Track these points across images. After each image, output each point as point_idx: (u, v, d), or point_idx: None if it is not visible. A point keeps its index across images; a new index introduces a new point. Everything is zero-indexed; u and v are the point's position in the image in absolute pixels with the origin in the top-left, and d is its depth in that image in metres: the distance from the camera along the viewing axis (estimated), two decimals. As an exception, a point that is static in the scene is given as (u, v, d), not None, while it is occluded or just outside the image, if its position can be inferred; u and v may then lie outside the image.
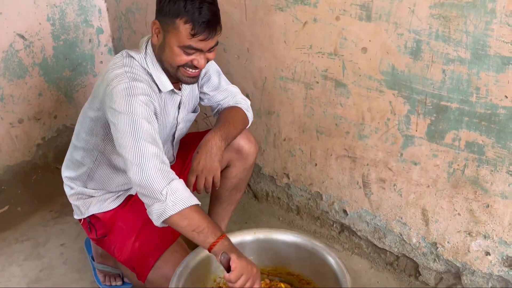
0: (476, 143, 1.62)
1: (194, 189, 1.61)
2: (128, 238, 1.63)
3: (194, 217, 1.33)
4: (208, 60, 1.50)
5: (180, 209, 1.32)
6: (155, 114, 1.45)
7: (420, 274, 1.93)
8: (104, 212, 1.69)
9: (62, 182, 1.78)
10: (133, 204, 1.69)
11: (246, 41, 2.13)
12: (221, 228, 1.37)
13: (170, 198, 1.32)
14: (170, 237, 1.64)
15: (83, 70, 2.65)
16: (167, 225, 1.37)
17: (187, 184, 1.56)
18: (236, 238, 1.57)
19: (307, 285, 1.58)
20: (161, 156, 1.36)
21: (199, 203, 1.36)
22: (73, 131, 2.58)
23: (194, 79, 1.53)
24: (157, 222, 1.35)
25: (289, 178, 2.26)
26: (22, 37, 2.32)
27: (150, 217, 1.37)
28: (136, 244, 1.62)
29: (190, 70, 1.48)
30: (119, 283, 1.92)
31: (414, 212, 1.86)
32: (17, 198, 2.36)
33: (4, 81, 2.29)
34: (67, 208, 2.37)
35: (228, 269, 1.33)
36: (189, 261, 1.48)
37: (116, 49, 2.79)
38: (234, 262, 1.32)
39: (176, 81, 1.58)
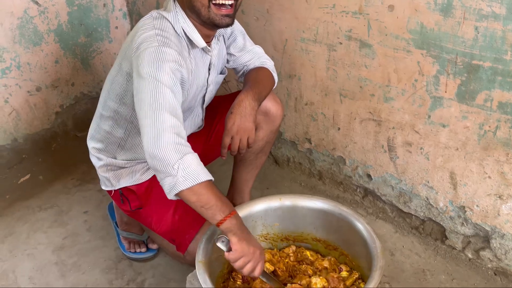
0: (510, 103, 1.56)
1: (228, 150, 1.59)
2: (167, 210, 1.62)
3: (203, 193, 1.30)
4: None
5: (191, 185, 1.28)
6: (183, 82, 1.40)
7: (446, 238, 1.90)
8: (137, 184, 1.66)
9: (82, 149, 1.77)
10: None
11: (265, 1, 2.05)
12: (231, 205, 1.35)
13: (181, 173, 1.28)
14: None
15: (98, 36, 2.59)
16: (179, 198, 1.34)
17: (222, 145, 1.55)
18: (261, 204, 1.57)
19: (334, 251, 1.55)
20: (178, 128, 1.31)
21: (212, 178, 1.33)
22: (90, 98, 2.58)
23: (229, 19, 1.45)
24: (169, 195, 1.32)
25: (311, 143, 2.22)
26: (36, 2, 2.27)
27: (163, 188, 1.34)
28: (175, 217, 1.62)
29: (223, 8, 1.42)
30: (143, 249, 1.93)
31: (441, 175, 1.82)
32: (38, 167, 2.36)
33: (20, 49, 2.25)
34: (88, 175, 2.38)
35: (229, 249, 1.33)
36: (215, 229, 1.48)
37: (131, 14, 2.72)
38: (234, 245, 1.31)
39: (207, 39, 1.54)
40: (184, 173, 1.28)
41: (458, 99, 1.66)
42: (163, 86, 1.31)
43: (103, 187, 1.73)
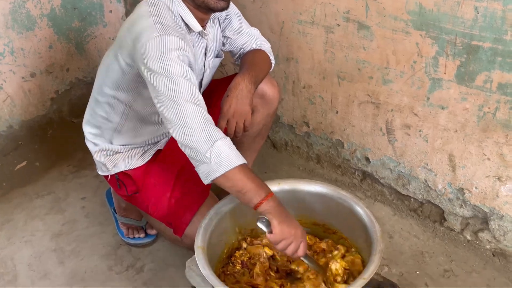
0: (510, 84, 1.54)
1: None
2: (163, 194, 1.62)
3: (238, 178, 1.30)
4: None
5: (224, 171, 1.29)
6: (190, 65, 1.38)
7: (445, 220, 1.90)
8: (133, 169, 1.65)
9: (78, 136, 1.75)
10: (163, 159, 1.66)
11: (262, -17, 2.02)
12: (267, 187, 1.34)
13: (214, 161, 1.28)
14: (204, 189, 1.64)
15: (92, 20, 2.55)
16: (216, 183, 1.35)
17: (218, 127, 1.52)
18: None
19: (333, 235, 1.55)
20: (203, 113, 1.31)
21: (245, 161, 1.33)
22: (86, 83, 2.55)
23: (224, 2, 1.44)
24: (205, 181, 1.34)
25: (309, 127, 2.22)
26: (28, -14, 2.22)
27: (199, 175, 1.35)
28: (172, 201, 1.61)
29: None
30: (142, 235, 1.93)
31: (440, 158, 1.81)
32: (34, 153, 2.34)
33: (13, 34, 2.21)
34: (85, 162, 2.36)
35: (270, 230, 1.32)
36: (215, 214, 1.47)
37: (125, -3, 2.67)
38: (275, 228, 1.30)
39: (202, 23, 1.52)
40: (217, 159, 1.28)
41: (457, 80, 1.64)
42: (176, 77, 1.30)
43: (100, 172, 1.72)
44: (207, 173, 1.30)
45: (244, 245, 1.53)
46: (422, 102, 1.76)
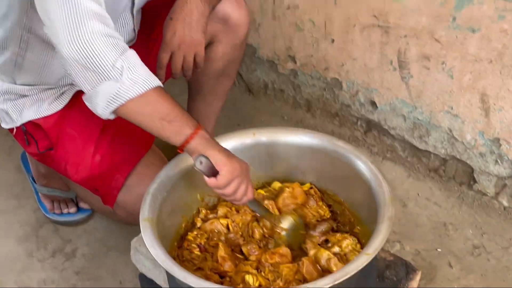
0: None
1: (168, 73, 1.57)
2: (84, 149, 1.61)
3: (161, 101, 1.27)
4: None
5: (143, 91, 1.23)
6: None
7: (475, 182, 1.92)
8: (44, 117, 1.62)
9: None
10: (84, 104, 1.60)
11: None
12: (193, 118, 1.32)
13: (128, 75, 1.22)
14: (143, 144, 1.63)
15: None
16: (115, 116, 1.30)
17: (158, 64, 1.52)
18: (228, 142, 1.51)
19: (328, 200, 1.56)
20: (104, 17, 1.25)
21: (161, 84, 1.30)
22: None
23: None
24: (105, 111, 1.27)
25: (295, 62, 2.20)
26: None
27: (90, 105, 1.29)
28: (96, 157, 1.60)
29: None
30: (72, 210, 1.93)
31: (469, 98, 1.81)
32: None
33: None
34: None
35: (210, 172, 1.28)
36: (166, 176, 1.43)
37: None
38: (224, 165, 1.27)
39: None
40: (132, 74, 1.23)
41: (493, -8, 1.64)
42: None
43: (3, 125, 1.69)
44: (115, 94, 1.23)
45: (199, 222, 1.51)
46: (446, 24, 1.75)
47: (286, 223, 1.45)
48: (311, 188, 1.55)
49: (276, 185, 1.59)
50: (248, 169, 1.35)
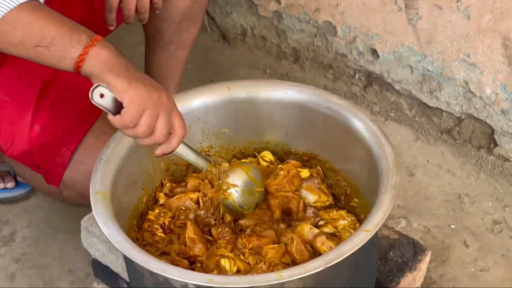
0: None
1: (119, 17, 1.56)
2: (20, 118, 1.60)
3: (32, 22, 1.16)
4: None
5: (3, 13, 1.13)
6: None
7: (496, 145, 1.94)
8: None
9: None
10: (18, 63, 1.59)
11: None
12: (87, 30, 1.20)
13: None
14: (90, 110, 1.59)
15: None
16: None
17: (107, 6, 1.51)
18: (198, 99, 1.53)
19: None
20: None
21: None
22: None
23: None
24: None
25: (279, 2, 2.21)
26: None
27: None
28: (35, 127, 1.60)
29: None
30: (10, 185, 1.96)
31: (489, 44, 1.81)
32: None
33: None
34: None
35: (115, 107, 1.17)
36: (118, 145, 1.41)
37: None
38: (126, 93, 1.15)
39: None
40: None
41: None
42: None
43: None
44: None
45: (162, 199, 1.51)
46: (461, -47, 1.75)
47: (235, 177, 1.41)
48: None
49: (268, 155, 1.57)
50: (170, 99, 1.23)
